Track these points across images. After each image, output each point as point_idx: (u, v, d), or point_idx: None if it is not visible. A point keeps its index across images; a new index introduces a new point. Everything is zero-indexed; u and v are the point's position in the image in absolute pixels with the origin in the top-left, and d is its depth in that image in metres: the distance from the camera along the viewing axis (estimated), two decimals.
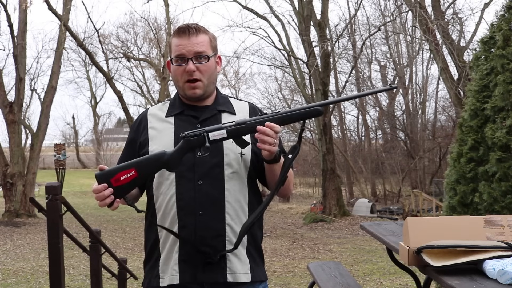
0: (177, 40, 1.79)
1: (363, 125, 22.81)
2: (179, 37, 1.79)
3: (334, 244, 9.66)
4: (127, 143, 1.90)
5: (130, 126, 1.98)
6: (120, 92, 14.97)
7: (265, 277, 1.86)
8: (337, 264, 4.29)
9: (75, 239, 3.60)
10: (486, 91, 3.47)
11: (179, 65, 1.79)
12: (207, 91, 1.83)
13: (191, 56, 1.77)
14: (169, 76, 19.01)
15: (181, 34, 1.79)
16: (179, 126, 1.80)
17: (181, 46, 1.78)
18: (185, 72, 1.78)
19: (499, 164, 3.23)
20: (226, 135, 1.68)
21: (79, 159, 39.59)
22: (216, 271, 1.73)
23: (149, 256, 1.84)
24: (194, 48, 1.77)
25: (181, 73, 1.79)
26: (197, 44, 1.78)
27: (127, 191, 1.67)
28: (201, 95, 1.81)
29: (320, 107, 1.72)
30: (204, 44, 1.80)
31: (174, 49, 1.80)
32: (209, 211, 1.73)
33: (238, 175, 1.77)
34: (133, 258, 8.05)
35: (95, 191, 1.63)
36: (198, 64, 1.78)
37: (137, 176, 1.65)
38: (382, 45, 21.67)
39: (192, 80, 1.78)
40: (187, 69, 1.77)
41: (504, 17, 3.49)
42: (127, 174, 1.64)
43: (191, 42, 1.78)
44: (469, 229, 2.05)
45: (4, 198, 13.30)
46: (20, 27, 13.35)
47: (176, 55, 1.79)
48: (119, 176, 1.64)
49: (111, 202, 1.63)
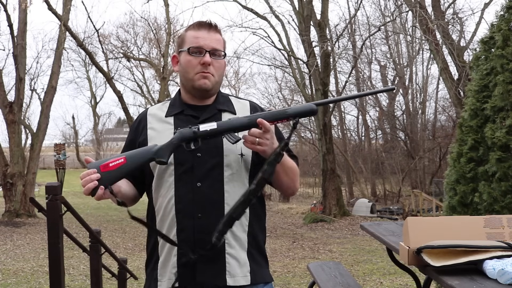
0: (196, 32, 1.79)
1: (363, 125, 22.84)
2: (199, 30, 1.78)
3: (334, 244, 9.66)
4: (126, 143, 1.88)
5: (130, 126, 1.96)
6: (120, 92, 14.97)
7: (269, 279, 1.82)
8: (337, 264, 4.29)
9: (75, 239, 3.60)
10: (486, 91, 3.47)
11: (196, 56, 1.77)
12: (214, 87, 1.81)
13: (209, 49, 1.76)
14: (169, 76, 19.19)
15: (202, 28, 1.78)
16: (179, 126, 1.77)
17: (200, 39, 1.77)
18: (200, 64, 1.76)
19: (499, 164, 3.23)
20: (216, 127, 1.65)
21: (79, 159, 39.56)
22: (215, 274, 1.70)
23: (150, 258, 1.83)
24: (213, 44, 1.77)
25: (195, 65, 1.77)
26: (216, 40, 1.78)
27: (114, 178, 1.63)
28: (209, 88, 1.79)
29: (315, 105, 1.69)
30: (221, 42, 1.80)
31: (192, 41, 1.78)
32: (208, 214, 1.70)
33: (238, 176, 1.74)
34: (133, 258, 8.06)
35: (82, 176, 1.59)
36: (214, 59, 1.78)
37: (125, 163, 1.63)
38: (382, 45, 21.72)
39: (205, 72, 1.77)
40: (203, 61, 1.75)
41: (504, 17, 3.49)
42: (117, 161, 1.63)
43: (210, 37, 1.78)
44: (469, 229, 2.05)
45: (4, 198, 13.30)
46: (20, 27, 13.35)
47: (194, 46, 1.77)
48: (108, 163, 1.63)
49: (94, 188, 1.58)
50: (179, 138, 1.66)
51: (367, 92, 2.01)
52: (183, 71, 1.81)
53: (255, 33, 15.77)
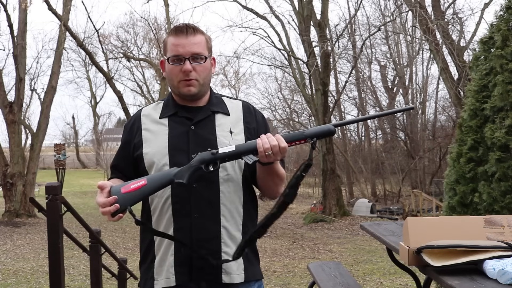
0: (174, 39, 1.77)
1: (363, 125, 22.81)
2: (177, 36, 1.77)
3: (334, 244, 9.66)
4: (122, 144, 1.89)
5: (124, 126, 1.96)
6: (120, 92, 14.96)
7: (260, 276, 1.86)
8: (337, 264, 4.29)
9: (75, 239, 3.60)
10: (485, 91, 3.47)
11: (176, 64, 1.77)
12: (201, 91, 1.82)
13: (188, 56, 1.76)
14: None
15: (179, 33, 1.77)
16: (173, 128, 1.80)
17: (179, 46, 1.76)
18: (181, 72, 1.77)
19: (499, 164, 3.23)
20: (235, 149, 1.67)
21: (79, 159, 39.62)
22: (211, 272, 1.73)
23: (144, 257, 1.84)
24: (192, 49, 1.76)
25: (177, 73, 1.78)
26: (194, 44, 1.77)
27: (135, 199, 1.66)
28: (195, 94, 1.80)
29: (333, 126, 1.71)
30: (201, 44, 1.78)
31: (171, 49, 1.78)
32: (204, 214, 1.73)
33: (232, 178, 1.77)
34: (133, 258, 8.05)
35: (103, 204, 1.60)
36: (195, 64, 1.77)
37: (146, 185, 1.66)
38: (382, 45, 21.72)
39: (188, 79, 1.77)
40: (183, 69, 1.76)
41: (503, 18, 3.49)
42: (138, 183, 1.66)
43: (188, 42, 1.76)
44: (469, 229, 2.05)
45: (4, 198, 13.30)
46: (20, 27, 13.35)
47: (173, 55, 1.77)
48: (130, 185, 1.66)
49: (115, 211, 1.60)
50: (198, 160, 1.67)
51: (385, 112, 1.99)
52: (168, 78, 1.83)
53: (255, 33, 15.79)
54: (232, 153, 1.67)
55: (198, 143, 1.76)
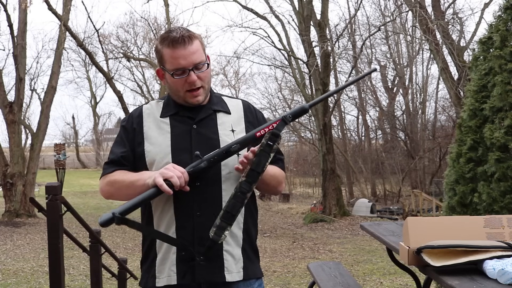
0: (173, 51, 1.75)
1: (363, 125, 22.85)
2: (175, 48, 1.75)
3: (334, 244, 9.66)
4: (121, 138, 1.86)
5: (122, 121, 1.95)
6: (120, 92, 14.96)
7: (260, 274, 1.86)
8: (337, 264, 4.30)
9: (75, 239, 3.60)
10: (484, 91, 3.47)
11: (180, 77, 1.77)
12: (207, 95, 1.85)
13: (191, 67, 1.76)
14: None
15: (176, 45, 1.74)
16: (175, 127, 1.81)
17: (180, 59, 1.75)
18: (187, 83, 1.77)
19: (498, 164, 3.23)
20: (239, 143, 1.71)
21: (79, 159, 39.60)
22: (214, 271, 1.74)
23: (146, 256, 1.85)
24: (193, 59, 1.76)
25: (182, 84, 1.78)
26: (194, 54, 1.76)
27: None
28: (202, 101, 1.83)
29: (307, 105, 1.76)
30: (199, 51, 1.78)
31: (171, 62, 1.76)
32: (206, 212, 1.73)
33: (234, 175, 1.77)
34: (133, 258, 8.05)
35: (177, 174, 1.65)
36: (199, 72, 1.78)
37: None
38: (382, 45, 21.74)
39: (194, 89, 1.78)
40: (190, 81, 1.76)
41: (502, 18, 3.48)
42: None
43: (188, 52, 1.75)
44: (469, 229, 2.05)
45: (4, 198, 13.29)
46: (20, 27, 13.34)
47: (175, 68, 1.76)
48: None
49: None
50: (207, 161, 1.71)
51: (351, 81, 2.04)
52: (172, 90, 1.83)
53: (255, 33, 15.80)
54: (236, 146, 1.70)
55: (200, 142, 1.77)
